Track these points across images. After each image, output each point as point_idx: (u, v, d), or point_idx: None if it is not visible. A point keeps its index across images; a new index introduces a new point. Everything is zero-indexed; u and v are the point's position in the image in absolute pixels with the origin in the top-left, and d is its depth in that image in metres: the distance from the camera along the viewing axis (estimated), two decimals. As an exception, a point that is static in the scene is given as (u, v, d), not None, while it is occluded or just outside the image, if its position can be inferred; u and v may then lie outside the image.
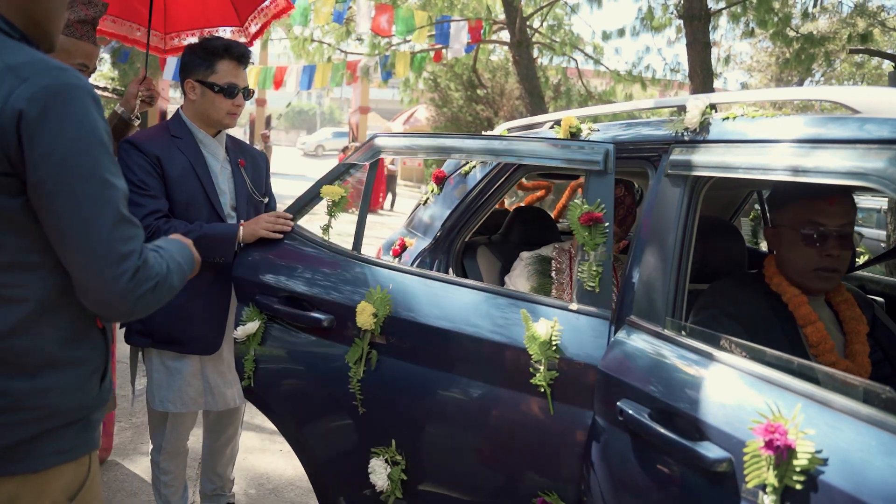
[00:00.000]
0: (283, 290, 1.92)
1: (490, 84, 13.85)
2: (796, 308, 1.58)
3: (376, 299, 1.74)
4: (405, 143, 2.14)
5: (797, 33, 9.59)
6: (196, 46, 2.15)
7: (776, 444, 1.07)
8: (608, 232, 1.62)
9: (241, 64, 2.16)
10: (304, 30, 12.30)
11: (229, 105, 2.15)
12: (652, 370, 1.40)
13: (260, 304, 1.93)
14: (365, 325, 1.73)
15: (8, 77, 1.00)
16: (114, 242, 1.07)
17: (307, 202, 2.05)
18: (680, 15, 7.11)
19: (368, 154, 1.99)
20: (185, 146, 2.14)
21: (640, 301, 1.56)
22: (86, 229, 1.06)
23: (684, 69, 10.02)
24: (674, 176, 1.60)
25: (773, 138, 1.41)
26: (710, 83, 6.63)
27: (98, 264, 1.07)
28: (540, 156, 1.80)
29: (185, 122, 2.19)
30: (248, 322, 1.93)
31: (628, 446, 1.38)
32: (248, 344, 1.93)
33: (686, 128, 1.62)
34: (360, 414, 1.78)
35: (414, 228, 2.94)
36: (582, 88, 12.23)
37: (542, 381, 1.51)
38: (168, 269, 1.20)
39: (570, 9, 11.50)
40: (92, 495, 1.22)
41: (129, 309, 1.13)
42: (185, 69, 2.16)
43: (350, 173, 2.05)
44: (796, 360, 1.21)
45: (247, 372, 1.94)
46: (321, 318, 1.82)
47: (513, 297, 1.69)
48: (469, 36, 10.49)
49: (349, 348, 1.79)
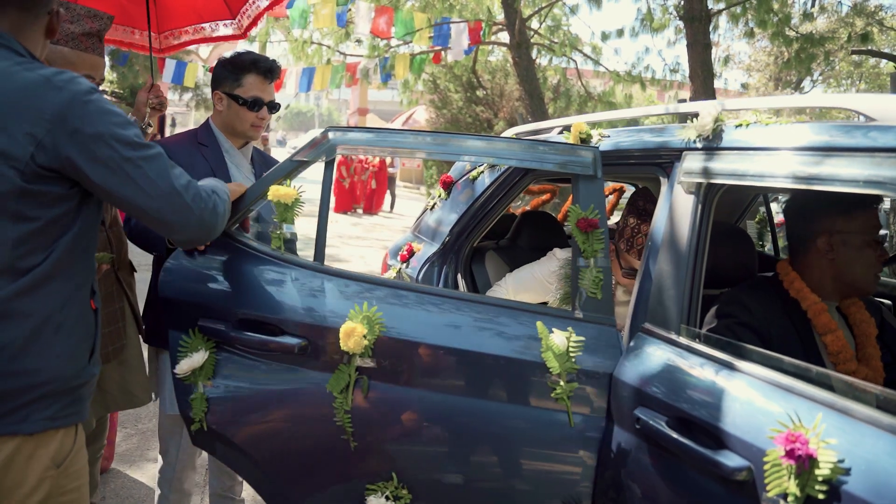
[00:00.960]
0: (238, 312, 1.65)
1: (489, 85, 13.85)
2: (816, 315, 1.59)
3: (364, 319, 1.56)
4: (366, 139, 1.79)
5: (797, 33, 9.62)
6: (226, 60, 2.21)
7: (797, 453, 1.07)
8: (605, 238, 1.63)
9: (267, 78, 2.21)
10: (302, 32, 12.29)
11: (253, 118, 2.19)
12: (669, 378, 1.41)
13: (206, 329, 1.66)
14: (354, 349, 1.53)
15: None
16: (176, 180, 1.35)
17: (248, 206, 1.75)
18: (680, 16, 7.12)
19: (322, 150, 1.73)
20: (209, 154, 2.19)
21: (654, 309, 1.56)
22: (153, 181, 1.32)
23: (684, 69, 10.05)
24: (687, 183, 1.60)
25: (787, 146, 1.41)
26: (710, 84, 6.65)
27: (173, 201, 1.34)
28: (523, 158, 1.76)
29: (213, 130, 2.25)
30: (192, 353, 1.66)
31: (646, 455, 1.38)
32: (194, 379, 1.67)
33: (699, 135, 1.63)
34: (350, 449, 1.60)
35: (421, 233, 2.94)
36: (581, 89, 12.23)
37: (563, 394, 1.50)
38: (216, 191, 1.50)
39: (568, 10, 11.51)
40: (78, 466, 1.38)
41: (214, 225, 1.46)
42: (215, 81, 2.23)
43: (300, 171, 1.75)
44: (815, 369, 1.22)
45: (196, 414, 1.67)
46: (292, 343, 1.59)
47: (510, 307, 1.64)
48: (469, 37, 10.49)
49: (328, 375, 1.59)
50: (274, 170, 1.77)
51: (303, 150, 1.76)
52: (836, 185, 1.26)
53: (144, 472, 3.12)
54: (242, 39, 3.34)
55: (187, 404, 1.68)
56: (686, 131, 1.66)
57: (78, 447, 1.39)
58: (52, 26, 1.38)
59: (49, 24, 1.37)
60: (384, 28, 10.85)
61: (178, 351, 1.67)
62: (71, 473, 1.36)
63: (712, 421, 1.26)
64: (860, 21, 12.37)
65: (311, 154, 1.74)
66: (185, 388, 1.68)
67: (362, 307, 1.57)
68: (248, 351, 1.65)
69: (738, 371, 1.30)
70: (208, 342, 1.67)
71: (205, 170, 2.12)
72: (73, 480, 1.36)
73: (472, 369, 1.57)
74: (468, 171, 2.67)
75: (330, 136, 1.73)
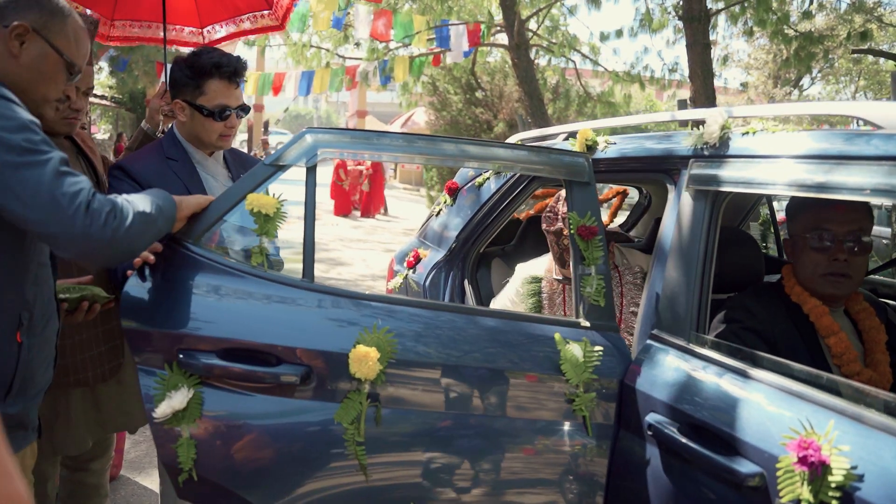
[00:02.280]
0: (224, 340, 1.47)
1: (489, 87, 13.85)
2: (818, 318, 1.61)
3: (375, 341, 1.46)
4: (348, 141, 1.67)
5: (796, 32, 9.63)
6: (183, 62, 1.95)
7: (810, 459, 1.09)
8: (604, 244, 1.65)
9: (232, 82, 1.96)
10: (301, 36, 12.31)
11: (221, 127, 1.96)
12: (680, 385, 1.42)
13: (186, 364, 1.46)
14: (367, 376, 1.43)
15: None
16: (57, 188, 1.23)
17: (219, 218, 1.58)
18: (679, 16, 7.14)
19: (303, 153, 1.58)
20: (180, 169, 1.98)
21: (664, 315, 1.58)
22: (33, 188, 1.21)
23: (682, 69, 10.07)
24: (694, 190, 1.62)
25: (794, 154, 1.43)
26: (710, 84, 6.66)
27: (52, 211, 1.22)
28: (513, 163, 1.75)
29: (179, 141, 2.02)
30: (173, 392, 1.44)
31: (657, 461, 1.40)
32: (177, 423, 1.46)
33: (706, 142, 1.64)
34: (364, 482, 1.50)
35: (427, 239, 2.95)
36: (580, 89, 12.25)
37: (581, 405, 1.50)
38: (133, 203, 1.34)
39: (567, 10, 11.53)
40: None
41: (105, 241, 1.27)
42: (174, 86, 1.98)
43: (277, 176, 1.60)
44: (825, 375, 1.23)
45: (183, 462, 1.45)
46: (292, 373, 1.45)
47: (518, 318, 1.63)
48: (468, 39, 10.51)
49: (333, 406, 1.48)
50: (247, 176, 1.59)
51: (280, 153, 1.59)
52: (843, 194, 1.28)
53: (153, 479, 3.14)
54: (281, 30, 3.34)
55: (171, 452, 1.46)
56: (693, 139, 1.68)
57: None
58: (9, 44, 1.36)
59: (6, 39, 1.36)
60: (383, 31, 10.87)
61: (153, 391, 1.46)
62: None
63: (724, 427, 1.28)
64: (859, 18, 12.39)
65: (291, 158, 1.58)
66: (166, 435, 1.46)
67: (372, 329, 1.47)
68: (239, 385, 1.48)
69: (750, 377, 1.32)
70: (190, 378, 1.46)
71: (177, 187, 1.91)
72: None
73: (482, 385, 1.54)
74: (473, 178, 2.69)
75: (309, 138, 1.59)
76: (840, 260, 1.61)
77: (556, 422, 1.53)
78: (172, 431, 1.46)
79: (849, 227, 1.61)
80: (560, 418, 1.53)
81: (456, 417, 1.52)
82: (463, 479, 1.54)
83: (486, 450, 1.53)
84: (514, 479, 1.54)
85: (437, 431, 1.52)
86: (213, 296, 1.51)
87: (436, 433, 1.52)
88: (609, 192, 3.72)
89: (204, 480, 1.49)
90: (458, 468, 1.54)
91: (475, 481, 1.54)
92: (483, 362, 1.52)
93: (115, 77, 16.04)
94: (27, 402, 1.39)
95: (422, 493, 1.53)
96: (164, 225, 1.43)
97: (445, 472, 1.53)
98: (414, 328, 1.54)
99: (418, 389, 1.52)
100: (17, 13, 1.38)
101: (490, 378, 1.53)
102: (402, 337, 1.50)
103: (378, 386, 1.47)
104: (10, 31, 1.37)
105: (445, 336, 1.54)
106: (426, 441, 1.52)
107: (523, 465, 1.54)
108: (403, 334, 1.51)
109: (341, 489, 1.51)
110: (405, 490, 1.53)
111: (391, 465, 1.52)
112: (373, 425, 1.49)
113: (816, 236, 1.63)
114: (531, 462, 1.53)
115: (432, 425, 1.52)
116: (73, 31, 1.47)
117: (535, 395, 1.54)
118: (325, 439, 1.48)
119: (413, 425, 1.52)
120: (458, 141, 1.73)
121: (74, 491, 2.23)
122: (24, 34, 1.38)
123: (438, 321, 1.56)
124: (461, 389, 1.53)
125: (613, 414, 1.53)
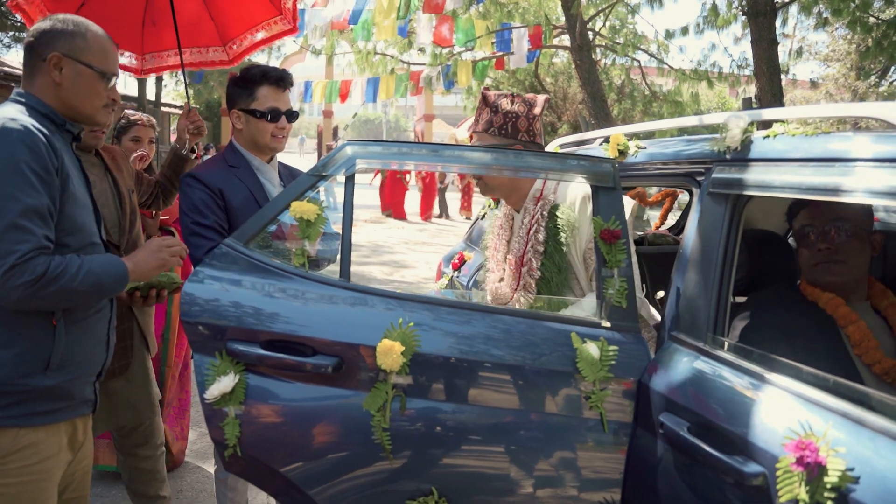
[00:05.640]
0: (267, 332, 1.62)
1: (552, 89, 13.80)
2: (835, 310, 1.63)
3: (399, 336, 1.56)
4: (386, 152, 1.80)
5: (877, 19, 9.11)
6: (237, 78, 2.21)
7: (806, 460, 1.10)
8: (627, 247, 1.68)
9: (280, 87, 2.19)
10: (366, 44, 12.61)
11: (273, 128, 2.18)
12: (693, 385, 1.45)
13: (234, 352, 1.62)
14: (392, 367, 1.53)
15: None
16: (1, 239, 1.44)
17: (266, 223, 1.73)
18: (745, 11, 6.94)
19: (343, 165, 1.71)
20: (243, 175, 2.19)
21: (683, 317, 1.60)
22: None
23: (751, 64, 9.73)
24: (715, 194, 1.64)
25: (815, 156, 1.43)
26: (777, 80, 6.45)
27: None
28: (544, 170, 1.84)
29: (239, 150, 2.24)
30: (221, 377, 1.62)
31: (669, 460, 1.43)
32: (225, 404, 1.63)
33: (728, 146, 1.65)
34: (389, 466, 1.61)
35: (472, 242, 3.03)
36: (646, 89, 12.03)
37: (597, 402, 1.54)
38: (67, 273, 1.52)
39: (630, 9, 11.35)
40: (15, 465, 1.55)
41: (8, 299, 1.47)
42: (230, 101, 2.23)
43: (320, 185, 1.74)
44: (832, 378, 1.24)
45: (229, 439, 1.63)
46: (326, 363, 1.58)
47: (538, 317, 1.68)
48: (529, 42, 10.52)
49: (362, 394, 1.60)
50: (293, 185, 1.74)
51: (322, 164, 1.74)
52: (866, 197, 1.27)
53: (217, 468, 3.35)
54: (294, 34, 3.43)
55: (219, 430, 1.65)
56: (716, 143, 1.69)
57: (15, 449, 1.55)
58: (51, 75, 1.62)
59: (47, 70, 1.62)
60: (446, 36, 11.02)
61: (205, 375, 1.64)
62: (6, 471, 1.54)
63: (731, 427, 1.30)
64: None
65: (332, 168, 1.72)
66: (215, 414, 1.65)
67: (397, 324, 1.58)
68: (279, 372, 1.63)
69: (759, 379, 1.33)
70: (237, 365, 1.63)
71: (242, 190, 2.15)
72: (6, 477, 1.54)
73: (503, 380, 1.61)
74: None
75: (349, 150, 1.72)
76: (822, 249, 1.68)
77: (573, 417, 1.58)
78: (220, 411, 1.64)
79: (826, 217, 1.69)
80: (578, 414, 1.58)
81: (473, 409, 1.60)
82: (485, 470, 1.62)
83: (504, 442, 1.60)
84: (530, 473, 1.59)
85: (456, 423, 1.60)
86: (259, 293, 1.67)
87: (455, 424, 1.60)
88: (659, 194, 3.69)
89: (246, 456, 1.65)
90: (479, 460, 1.62)
91: (495, 473, 1.61)
92: (500, 358, 1.59)
93: (192, 88, 16.87)
94: (67, 376, 1.62)
95: (443, 479, 1.62)
96: (105, 294, 1.67)
97: (464, 462, 1.62)
98: (442, 325, 1.63)
99: (436, 382, 1.61)
100: (48, 47, 1.62)
101: (507, 373, 1.59)
102: (423, 330, 1.60)
103: (402, 376, 1.58)
104: (49, 62, 1.61)
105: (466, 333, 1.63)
106: (447, 431, 1.61)
107: (540, 460, 1.59)
108: (431, 328, 1.62)
109: (367, 470, 1.63)
110: (426, 477, 1.62)
111: (415, 451, 1.61)
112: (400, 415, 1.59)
113: (801, 234, 1.73)
114: (548, 456, 1.59)
115: (452, 417, 1.60)
116: (97, 44, 1.69)
117: (554, 391, 1.59)
118: (353, 424, 1.60)
119: (430, 417, 1.61)
120: (488, 150, 1.81)
121: (133, 476, 2.50)
122: (60, 62, 1.62)
123: (469, 318, 1.65)
124: (477, 383, 1.60)
125: (632, 412, 1.57)
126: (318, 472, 1.64)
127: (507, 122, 2.03)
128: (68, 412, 1.67)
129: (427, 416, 1.60)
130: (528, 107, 2.05)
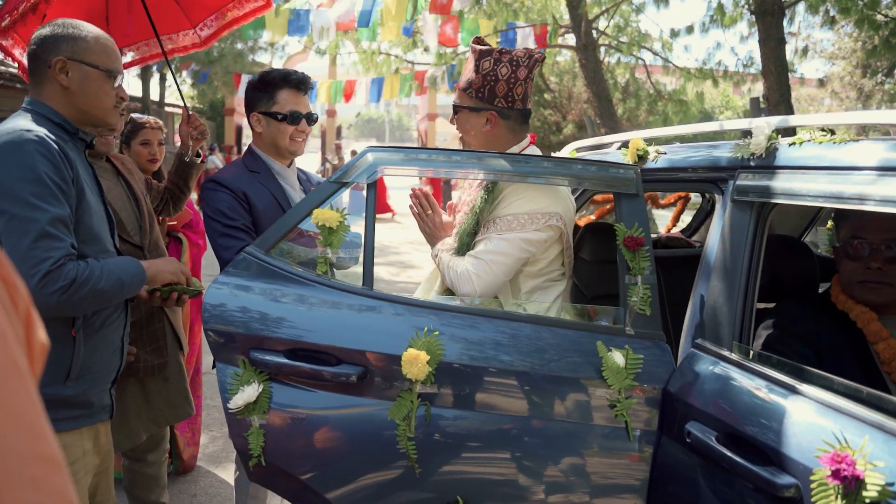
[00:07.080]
0: (290, 341, 1.61)
1: (557, 88, 13.78)
2: (866, 325, 1.59)
3: (424, 345, 1.55)
4: (407, 158, 1.79)
5: (885, 17, 9.05)
6: (256, 81, 2.21)
7: (843, 473, 1.10)
8: (650, 254, 1.67)
9: (300, 90, 2.19)
10: (371, 44, 12.61)
11: (293, 131, 2.18)
12: (719, 394, 1.44)
13: (257, 361, 1.61)
14: (417, 376, 1.52)
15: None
16: (32, 250, 1.45)
17: (288, 231, 1.72)
18: (752, 10, 6.91)
19: (365, 171, 1.70)
20: (264, 179, 2.19)
21: (708, 325, 1.60)
22: (15, 239, 1.45)
23: (757, 63, 9.69)
24: (740, 201, 1.63)
25: (842, 164, 1.42)
26: (785, 80, 6.42)
27: (20, 264, 1.43)
28: (566, 177, 1.81)
29: (259, 156, 2.23)
30: (245, 386, 1.61)
31: (696, 468, 1.42)
32: (249, 414, 1.62)
33: (752, 153, 1.64)
34: (414, 475, 1.60)
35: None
36: (651, 88, 12.00)
37: (622, 410, 1.54)
38: (93, 276, 1.53)
39: (635, 7, 11.32)
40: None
41: (45, 306, 1.47)
42: (249, 104, 2.22)
43: (341, 192, 1.74)
44: (865, 390, 1.23)
45: (254, 448, 1.62)
46: (350, 372, 1.57)
47: (559, 325, 1.67)
48: (535, 42, 10.50)
49: (386, 404, 1.59)
50: (314, 192, 1.74)
51: (344, 171, 1.74)
52: (886, 206, 1.26)
53: (229, 472, 3.34)
54: (269, 8, 3.24)
55: (243, 440, 1.63)
56: (740, 149, 1.68)
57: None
58: (58, 79, 1.62)
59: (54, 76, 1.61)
60: (451, 35, 11.01)
61: (228, 385, 1.63)
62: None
63: (761, 437, 1.29)
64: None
65: (354, 175, 1.71)
66: (239, 424, 1.63)
67: (422, 333, 1.56)
68: (303, 381, 1.62)
69: (789, 389, 1.32)
70: (260, 374, 1.62)
71: (264, 194, 2.14)
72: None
73: (527, 389, 1.60)
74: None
75: (371, 157, 1.72)
76: (873, 268, 1.61)
77: (599, 426, 1.57)
78: (244, 421, 1.63)
79: (884, 236, 1.60)
80: (604, 423, 1.57)
81: (497, 417, 1.59)
82: (512, 479, 1.61)
83: (530, 451, 1.59)
84: (557, 482, 1.59)
85: (481, 432, 1.60)
86: (281, 301, 1.65)
87: (481, 433, 1.60)
88: (671, 196, 3.68)
89: (271, 465, 1.64)
90: (506, 468, 1.61)
91: (520, 481, 1.60)
92: (524, 366, 1.58)
93: (196, 89, 16.89)
94: (85, 385, 1.64)
95: (469, 489, 1.61)
96: (127, 293, 1.67)
97: (490, 470, 1.61)
98: (463, 333, 1.62)
99: (461, 390, 1.60)
100: (51, 52, 1.62)
101: (532, 382, 1.58)
102: (448, 339, 1.59)
103: (427, 386, 1.57)
104: (54, 67, 1.61)
105: (491, 340, 1.62)
106: (473, 440, 1.60)
107: (567, 468, 1.58)
108: (453, 337, 1.61)
109: (392, 479, 1.62)
110: (453, 487, 1.61)
111: (441, 460, 1.61)
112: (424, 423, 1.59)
113: (852, 245, 1.63)
114: (574, 464, 1.58)
115: (476, 425, 1.59)
116: (99, 43, 1.69)
117: (580, 399, 1.59)
118: (378, 434, 1.59)
119: (456, 426, 1.60)
120: (508, 157, 1.79)
121: (136, 481, 2.52)
122: (65, 65, 1.62)
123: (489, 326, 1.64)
124: (503, 392, 1.59)
125: (656, 421, 1.56)
126: (343, 481, 1.65)
127: (485, 84, 1.91)
128: (89, 418, 1.69)
129: (453, 424, 1.59)
130: (513, 68, 1.90)
